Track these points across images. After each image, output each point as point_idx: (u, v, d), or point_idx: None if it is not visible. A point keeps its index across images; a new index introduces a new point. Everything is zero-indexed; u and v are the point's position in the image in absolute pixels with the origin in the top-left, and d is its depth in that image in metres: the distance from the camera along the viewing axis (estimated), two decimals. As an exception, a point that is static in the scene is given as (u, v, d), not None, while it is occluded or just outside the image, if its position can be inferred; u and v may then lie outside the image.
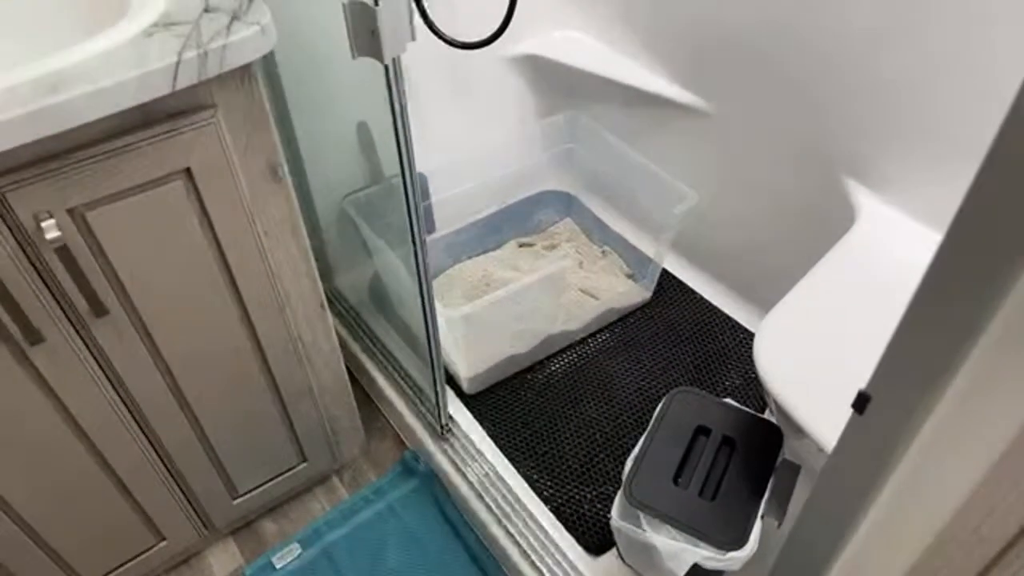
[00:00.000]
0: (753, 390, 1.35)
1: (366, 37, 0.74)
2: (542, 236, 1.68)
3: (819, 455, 0.94)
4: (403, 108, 0.83)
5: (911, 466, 0.39)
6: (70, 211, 0.77)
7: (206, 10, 0.79)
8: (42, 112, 0.67)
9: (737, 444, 1.05)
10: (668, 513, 0.97)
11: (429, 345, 1.10)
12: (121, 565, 1.11)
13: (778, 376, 0.93)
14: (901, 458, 0.39)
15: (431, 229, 1.53)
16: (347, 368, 1.21)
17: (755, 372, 1.25)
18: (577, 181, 1.69)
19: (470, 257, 1.61)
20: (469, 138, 1.56)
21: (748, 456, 1.03)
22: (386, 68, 0.77)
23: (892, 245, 1.08)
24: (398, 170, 0.92)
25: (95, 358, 0.88)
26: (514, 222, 1.66)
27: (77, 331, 0.84)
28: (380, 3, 0.70)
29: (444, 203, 1.52)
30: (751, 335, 1.44)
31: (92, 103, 0.69)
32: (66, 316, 0.82)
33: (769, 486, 1.00)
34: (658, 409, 1.10)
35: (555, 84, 1.58)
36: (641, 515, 0.98)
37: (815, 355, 0.95)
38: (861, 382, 0.42)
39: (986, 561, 0.33)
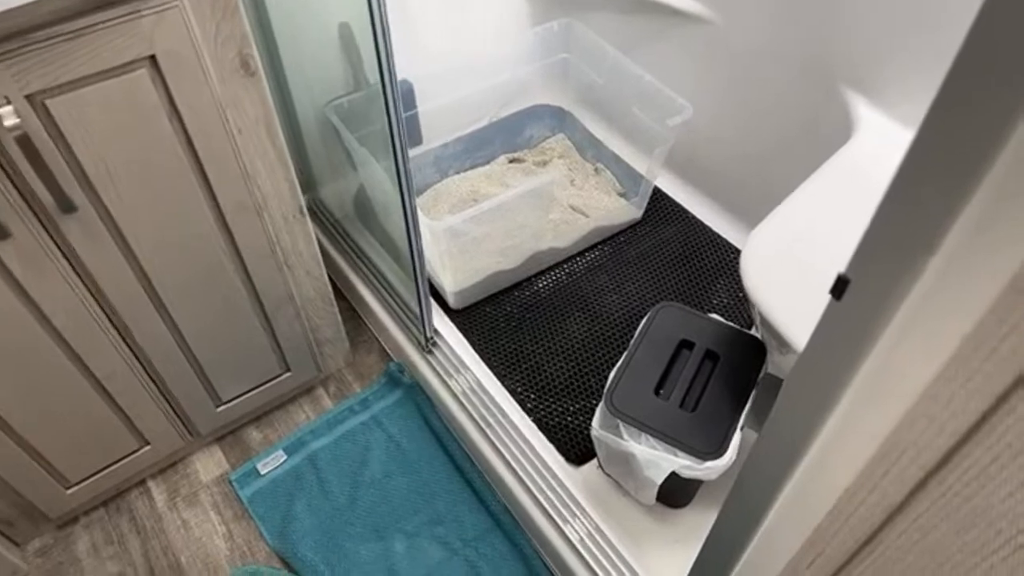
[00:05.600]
0: (741, 309, 1.34)
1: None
2: (533, 152, 1.63)
3: (801, 368, 0.93)
4: (381, 4, 0.78)
5: (886, 348, 0.37)
6: (29, 98, 0.73)
7: None
8: (-12, -16, 0.63)
9: (720, 358, 1.04)
10: (647, 422, 0.97)
11: (412, 258, 1.08)
12: (106, 468, 1.12)
13: (764, 288, 0.91)
14: (877, 340, 0.38)
15: (417, 141, 1.48)
16: (332, 281, 1.20)
17: (743, 289, 1.23)
18: (571, 95, 1.63)
19: (458, 172, 1.57)
20: (459, 45, 1.50)
21: (731, 370, 1.03)
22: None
23: (890, 158, 1.04)
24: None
25: (65, 256, 0.86)
26: (505, 136, 1.61)
27: (45, 227, 0.82)
28: None
29: (432, 114, 1.47)
30: (734, 248, 1.42)
31: (43, -24, 0.65)
32: (32, 211, 0.80)
33: (750, 399, 1.00)
34: (643, 323, 1.09)
35: (549, -11, 1.51)
36: (621, 424, 0.98)
37: (803, 268, 0.93)
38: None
39: (957, 437, 0.32)
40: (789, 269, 0.94)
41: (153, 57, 0.77)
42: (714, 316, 1.10)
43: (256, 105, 0.90)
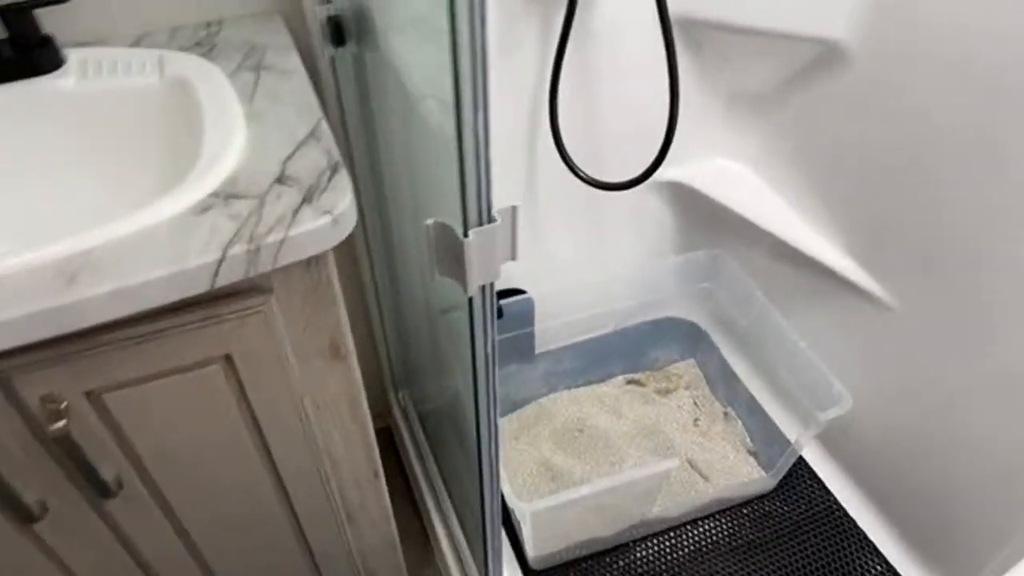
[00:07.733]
0: (882, 652, 1.07)
1: (450, 261, 0.58)
2: (657, 375, 1.46)
3: None
4: (492, 362, 0.65)
5: None
6: (87, 393, 0.65)
7: (279, 180, 0.66)
8: (51, 312, 0.56)
9: None
10: None
11: (485, 552, 0.93)
12: None
13: None
14: None
15: (529, 358, 1.35)
16: (408, 492, 1.06)
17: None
18: (709, 316, 1.46)
19: (568, 388, 1.42)
20: (591, 263, 1.37)
21: None
22: (470, 300, 0.60)
23: None
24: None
25: (107, 527, 0.77)
26: (625, 353, 1.45)
27: (87, 504, 0.74)
28: (470, 235, 0.53)
29: (550, 329, 1.34)
30: (893, 570, 1.16)
31: (110, 303, 0.57)
32: (77, 490, 0.72)
33: None
34: None
35: (700, 219, 1.36)
36: None
37: None
38: None
39: None
40: None
41: (228, 355, 0.69)
42: None
43: (340, 383, 0.80)
